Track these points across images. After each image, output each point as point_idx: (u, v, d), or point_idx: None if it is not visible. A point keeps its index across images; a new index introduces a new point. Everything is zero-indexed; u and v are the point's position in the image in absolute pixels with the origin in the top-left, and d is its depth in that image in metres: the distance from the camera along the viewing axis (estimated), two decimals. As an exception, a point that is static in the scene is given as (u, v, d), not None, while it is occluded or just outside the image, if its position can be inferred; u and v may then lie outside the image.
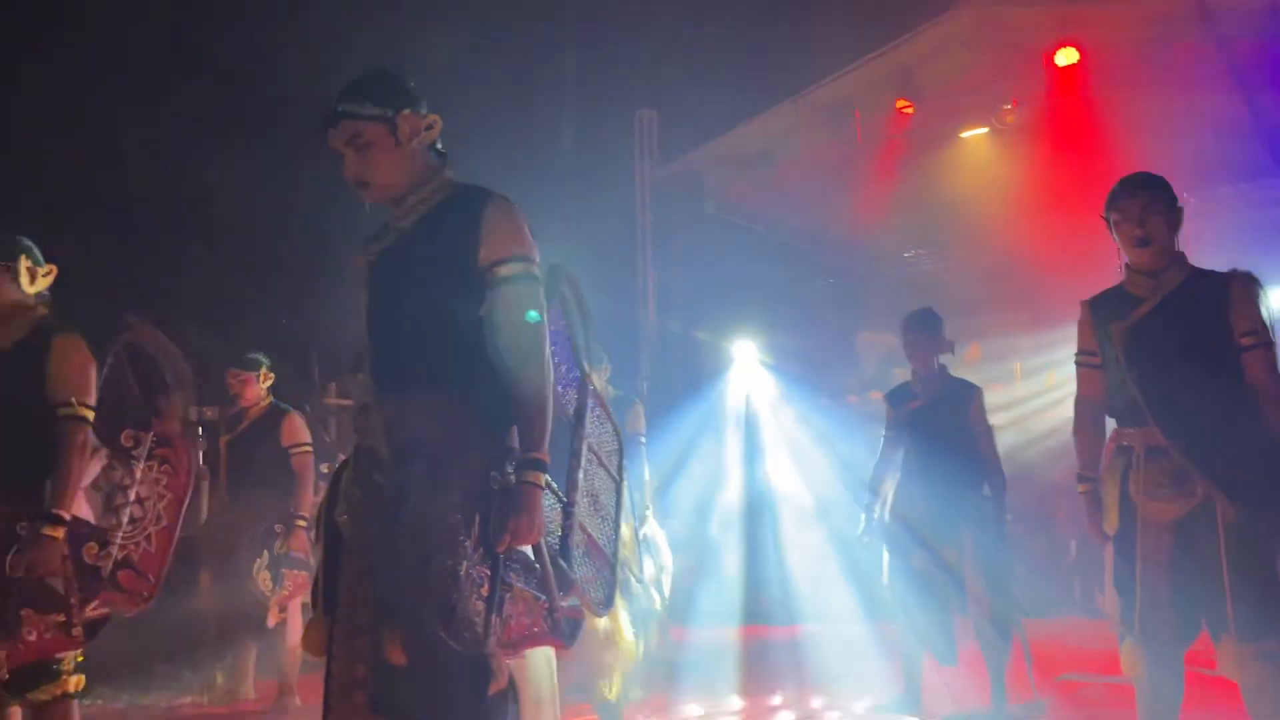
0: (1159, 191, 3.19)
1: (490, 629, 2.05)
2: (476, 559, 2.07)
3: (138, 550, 3.27)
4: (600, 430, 2.53)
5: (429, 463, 2.14)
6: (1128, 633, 3.12)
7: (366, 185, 2.37)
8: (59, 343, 3.22)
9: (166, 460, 3.41)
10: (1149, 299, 3.16)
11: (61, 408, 3.17)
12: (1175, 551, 3.02)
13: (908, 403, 4.87)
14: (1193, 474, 3.00)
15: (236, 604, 5.26)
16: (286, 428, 5.47)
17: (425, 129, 2.39)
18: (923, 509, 4.73)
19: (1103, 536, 3.24)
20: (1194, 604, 3.01)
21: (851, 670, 5.60)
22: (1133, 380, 3.12)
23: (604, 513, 2.47)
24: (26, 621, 3.00)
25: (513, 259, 2.29)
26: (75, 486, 3.15)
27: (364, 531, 2.21)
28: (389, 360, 2.31)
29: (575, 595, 2.25)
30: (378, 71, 2.41)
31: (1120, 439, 3.21)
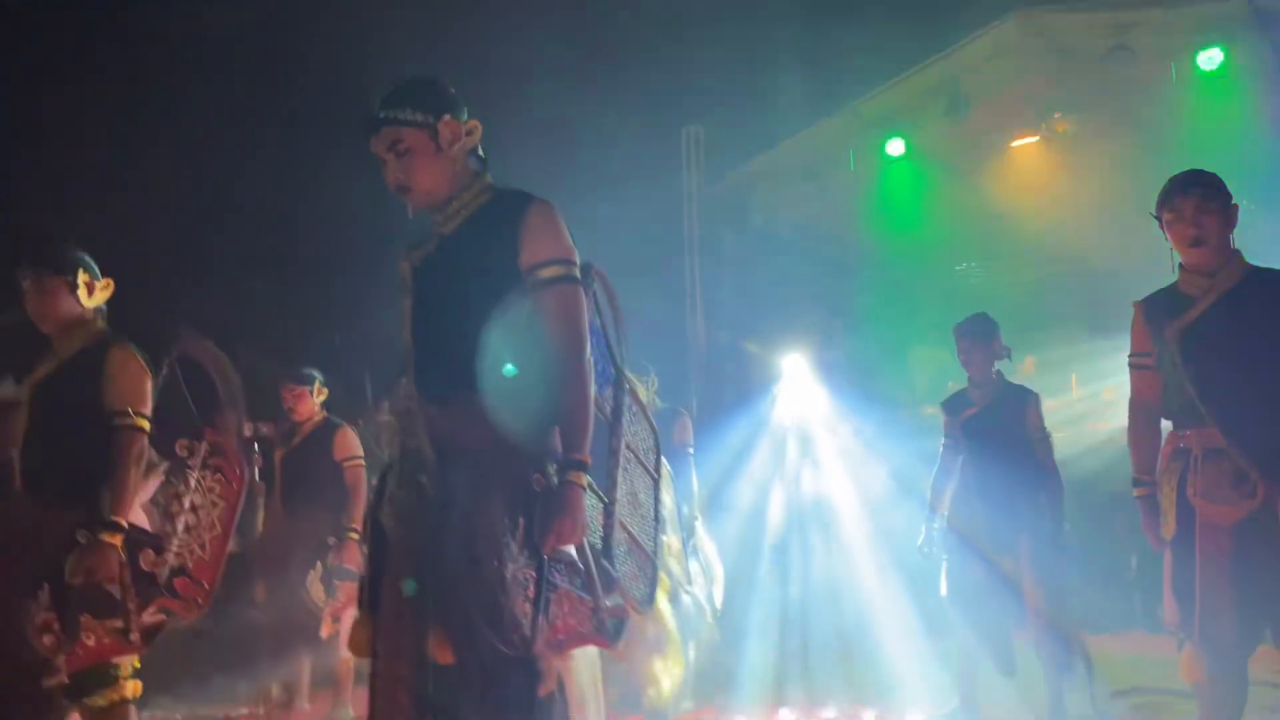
0: (1213, 189, 3.13)
1: (538, 630, 2.05)
2: (522, 561, 2.08)
3: (193, 557, 3.33)
4: (637, 428, 2.54)
5: (474, 468, 2.15)
6: (1187, 639, 3.05)
7: (408, 191, 2.41)
8: (114, 354, 3.30)
9: (220, 470, 3.47)
10: (1204, 298, 3.09)
11: (118, 417, 3.24)
12: (1235, 555, 2.95)
13: (964, 410, 4.81)
14: (1253, 475, 2.93)
15: (291, 616, 5.33)
16: (339, 441, 5.55)
17: (466, 134, 2.42)
18: (980, 519, 4.66)
19: (1160, 542, 3.18)
20: (1256, 609, 2.94)
21: (905, 682, 5.52)
22: (1189, 380, 3.06)
23: (643, 511, 2.47)
24: (85, 627, 3.07)
25: (554, 261, 2.31)
26: (132, 495, 3.22)
27: (409, 533, 2.22)
28: (432, 364, 2.33)
29: (619, 594, 2.25)
30: (419, 78, 2.45)
31: (1177, 441, 3.15)
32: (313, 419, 5.64)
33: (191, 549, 3.34)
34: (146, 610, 3.19)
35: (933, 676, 5.20)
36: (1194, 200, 3.11)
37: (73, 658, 3.04)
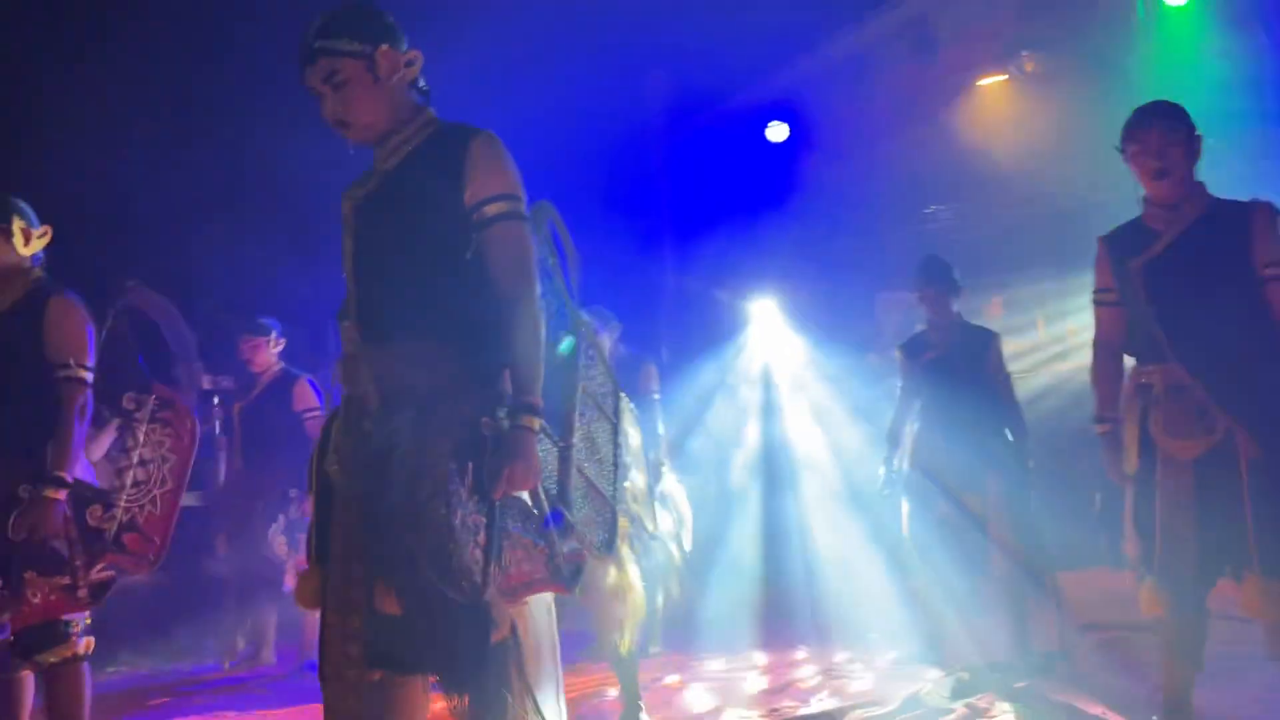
0: (1177, 121, 3.08)
1: (489, 577, 1.99)
2: (471, 507, 2.01)
3: (142, 513, 3.25)
4: (593, 371, 2.46)
5: (418, 410, 2.08)
6: (1148, 573, 3.04)
7: (346, 125, 2.30)
8: (54, 304, 3.18)
9: (169, 423, 3.39)
10: (1168, 232, 3.06)
11: (59, 369, 3.14)
12: (1197, 489, 2.94)
13: (924, 353, 4.79)
14: (1214, 410, 2.92)
15: (254, 568, 5.28)
16: (298, 393, 5.48)
17: (406, 65, 2.30)
18: (944, 458, 4.66)
19: (1122, 477, 3.16)
20: (1216, 543, 2.93)
21: (873, 623, 5.55)
22: (1153, 316, 3.04)
23: (601, 455, 2.41)
24: (30, 584, 2.99)
25: (499, 197, 2.21)
26: (76, 448, 3.13)
27: (354, 482, 2.16)
28: (374, 306, 2.24)
29: (575, 539, 2.20)
30: (354, 5, 2.33)
31: (1140, 377, 3.12)
32: (270, 371, 5.55)
33: (141, 504, 3.26)
34: (95, 567, 3.11)
35: (901, 617, 5.23)
36: (1158, 132, 3.06)
37: (18, 615, 2.97)
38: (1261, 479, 2.83)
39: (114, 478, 3.28)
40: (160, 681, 5.25)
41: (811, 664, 5.11)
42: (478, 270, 2.21)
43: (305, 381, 5.55)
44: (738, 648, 5.56)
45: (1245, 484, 2.85)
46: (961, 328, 4.79)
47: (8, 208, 3.21)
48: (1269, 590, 2.83)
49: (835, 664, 5.06)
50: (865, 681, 4.54)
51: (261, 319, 5.61)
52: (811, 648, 5.47)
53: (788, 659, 5.27)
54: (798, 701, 4.14)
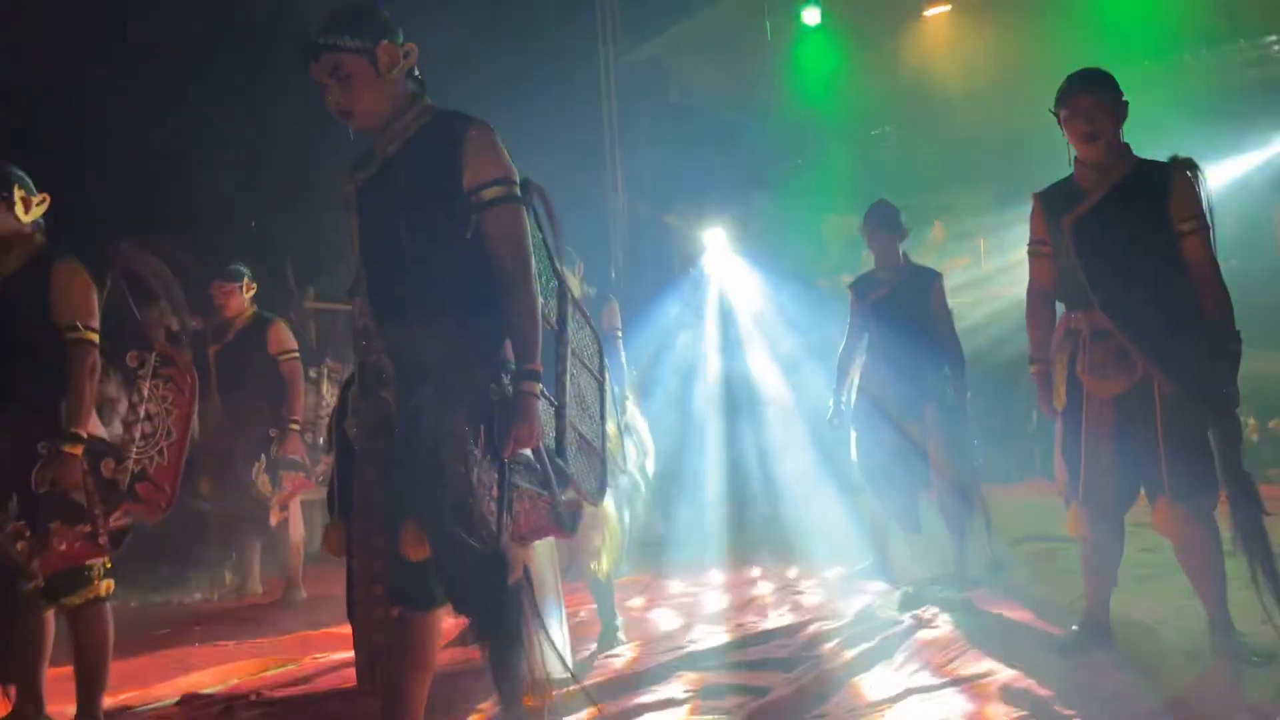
0: (1106, 87, 3.35)
1: (503, 526, 2.27)
2: (485, 465, 2.28)
3: (152, 464, 3.46)
4: (581, 335, 2.73)
5: (435, 383, 2.32)
6: (1073, 497, 3.42)
7: (350, 115, 2.50)
8: (59, 269, 3.34)
9: (171, 378, 3.57)
10: (1096, 190, 3.35)
11: (68, 331, 3.31)
12: (1117, 423, 3.29)
13: (873, 291, 5.09)
14: (1134, 353, 3.25)
15: (239, 507, 5.52)
16: (273, 335, 5.64)
17: (404, 57, 2.50)
18: (889, 389, 5.00)
19: (1053, 412, 3.51)
20: (1133, 470, 3.30)
21: (825, 541, 5.93)
22: (1081, 267, 3.35)
23: (590, 411, 2.70)
24: (56, 534, 3.20)
25: (495, 182, 2.44)
26: (89, 406, 3.32)
27: (374, 443, 2.41)
28: (384, 285, 2.46)
29: (573, 489, 2.49)
30: (356, 4, 2.51)
31: (1069, 322, 3.46)
32: (244, 314, 5.70)
33: (150, 455, 3.46)
34: (113, 515, 3.33)
35: (851, 535, 5.61)
36: (1088, 98, 3.33)
37: (46, 562, 3.18)
38: (1173, 415, 3.18)
39: (123, 431, 3.49)
40: (155, 614, 5.49)
41: (767, 580, 5.48)
42: (477, 249, 2.44)
43: (280, 324, 5.72)
44: (698, 568, 5.91)
45: (1159, 419, 3.20)
46: (907, 268, 5.08)
47: (8, 177, 3.34)
48: (1176, 511, 3.20)
49: (790, 580, 5.43)
50: (818, 596, 4.91)
51: (233, 265, 5.73)
52: (766, 566, 5.84)
53: (745, 577, 5.64)
54: (759, 617, 4.51)
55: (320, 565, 6.00)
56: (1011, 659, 3.38)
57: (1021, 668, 3.28)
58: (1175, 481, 3.19)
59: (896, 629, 3.87)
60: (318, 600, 5.46)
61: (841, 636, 3.83)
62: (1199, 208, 3.29)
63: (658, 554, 6.12)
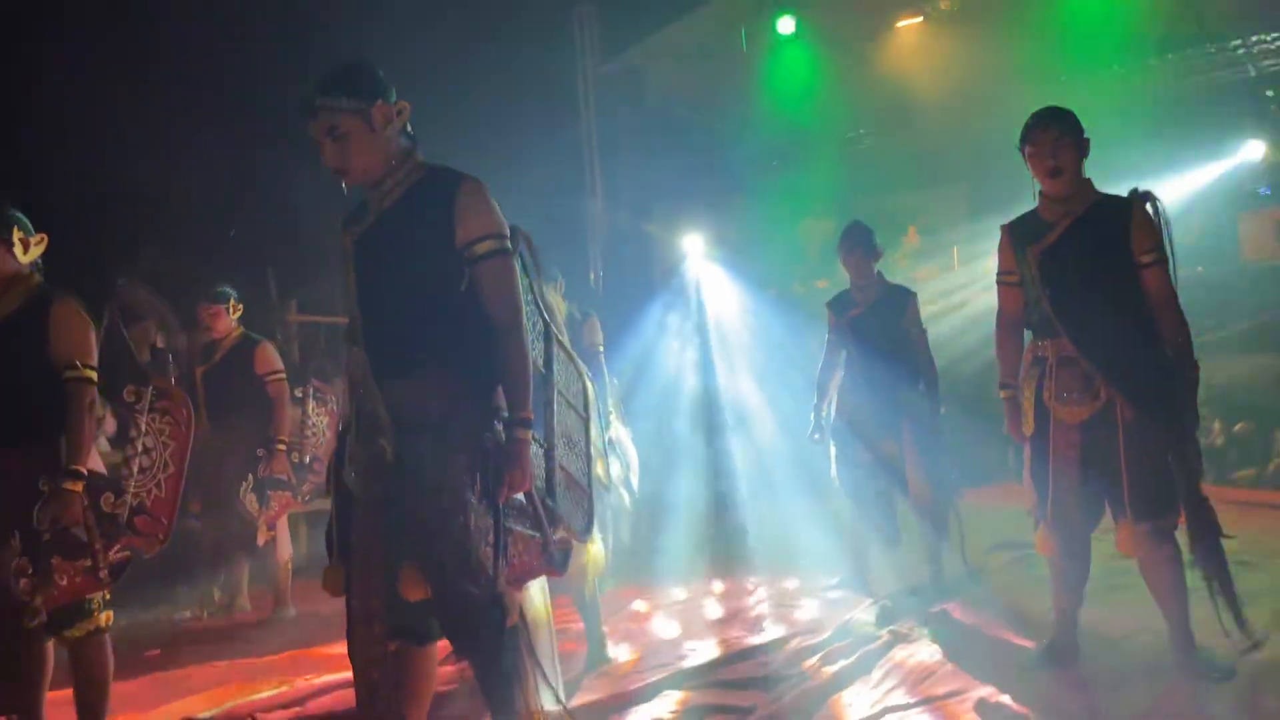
0: (1069, 125, 3.49)
1: (500, 571, 2.39)
2: (481, 511, 2.39)
3: (150, 497, 3.55)
4: (567, 376, 2.85)
5: (433, 435, 2.42)
6: (1042, 518, 3.56)
7: (345, 172, 2.60)
8: (57, 309, 3.41)
9: (167, 411, 3.67)
10: (1060, 224, 3.50)
11: (67, 370, 3.38)
12: (1083, 448, 3.44)
13: (850, 310, 5.21)
14: (1098, 380, 3.40)
15: (226, 526, 5.59)
16: (260, 357, 5.71)
17: (397, 114, 2.60)
18: (866, 407, 5.13)
19: (1021, 437, 3.66)
20: (1098, 492, 3.45)
21: (805, 552, 6.06)
22: (1046, 298, 3.49)
23: (577, 449, 2.81)
24: (57, 569, 3.28)
25: (487, 237, 2.54)
26: (89, 443, 3.40)
27: (372, 489, 2.50)
28: (382, 339, 2.56)
29: (562, 528, 2.60)
30: (352, 65, 2.60)
31: (1036, 350, 3.60)
32: (231, 336, 5.76)
33: (148, 488, 3.56)
34: (112, 549, 3.41)
35: (827, 547, 5.75)
36: (1052, 135, 3.47)
37: (49, 597, 3.27)
38: (1135, 440, 3.33)
39: (121, 465, 3.57)
40: (144, 633, 5.55)
41: (754, 592, 5.58)
42: (470, 301, 2.55)
43: (267, 345, 5.79)
44: (684, 577, 6.02)
45: (1122, 444, 3.35)
46: (882, 287, 5.21)
47: (7, 219, 3.41)
48: (1138, 531, 3.35)
49: (774, 591, 5.54)
50: (800, 608, 5.05)
51: (220, 286, 5.80)
52: (762, 576, 5.94)
53: (742, 586, 5.74)
54: (744, 630, 4.63)
55: (308, 579, 6.09)
56: (985, 676, 3.53)
57: (994, 684, 3.42)
58: (1137, 504, 3.33)
59: (874, 645, 4.00)
60: (306, 616, 5.54)
61: (821, 653, 3.96)
62: (1158, 240, 3.44)
63: (647, 562, 6.23)
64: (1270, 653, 3.48)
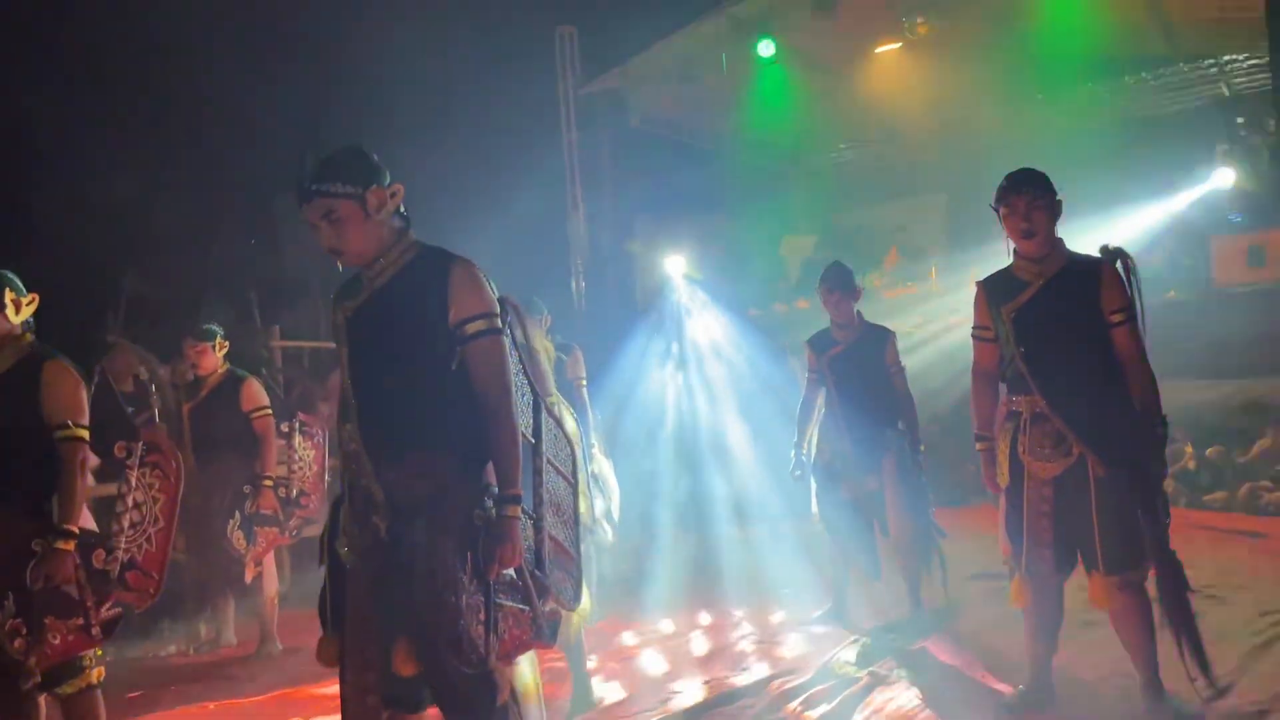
0: (1041, 188, 3.59)
1: (490, 648, 2.45)
2: (473, 589, 2.46)
3: (140, 551, 3.61)
4: (556, 444, 2.91)
5: (427, 516, 2.49)
6: (1016, 569, 3.66)
7: (340, 254, 2.66)
8: (49, 369, 3.45)
9: (158, 465, 3.73)
10: (1033, 284, 3.60)
11: (59, 430, 3.43)
12: (1055, 502, 3.55)
13: (830, 349, 5.31)
14: (1070, 437, 3.49)
15: (213, 563, 5.62)
16: (246, 393, 5.74)
17: (390, 197, 2.67)
18: (847, 443, 5.22)
19: (996, 488, 3.75)
20: (1070, 545, 3.56)
21: (789, 586, 6.14)
22: (1019, 355, 3.59)
23: (565, 517, 2.88)
24: (50, 628, 3.33)
25: (479, 316, 2.61)
26: (80, 502, 3.45)
27: (366, 563, 2.57)
28: (374, 413, 2.63)
29: (552, 599, 2.67)
30: (348, 151, 2.66)
31: (1010, 404, 3.70)
32: (217, 372, 5.79)
33: (139, 544, 3.62)
34: (104, 606, 3.47)
35: (810, 579, 5.82)
36: (1026, 198, 3.57)
37: (42, 657, 3.31)
38: (1105, 495, 3.43)
39: (112, 521, 3.62)
40: (131, 670, 5.57)
41: (748, 624, 5.59)
42: (461, 379, 2.61)
43: (253, 381, 5.82)
44: (681, 609, 6.06)
45: (1093, 499, 3.45)
46: (862, 326, 5.31)
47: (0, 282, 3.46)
48: (1109, 584, 3.46)
49: (769, 625, 5.56)
50: (784, 644, 5.11)
51: (206, 324, 5.83)
52: (747, 608, 5.97)
53: (725, 619, 5.75)
54: (729, 669, 4.69)
55: (291, 610, 6.13)
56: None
57: (971, 730, 3.51)
58: (1108, 557, 3.44)
59: (855, 688, 4.09)
60: (293, 652, 5.58)
61: (803, 696, 4.05)
62: (1127, 299, 3.54)
63: (634, 593, 6.29)
64: (1238, 699, 3.59)
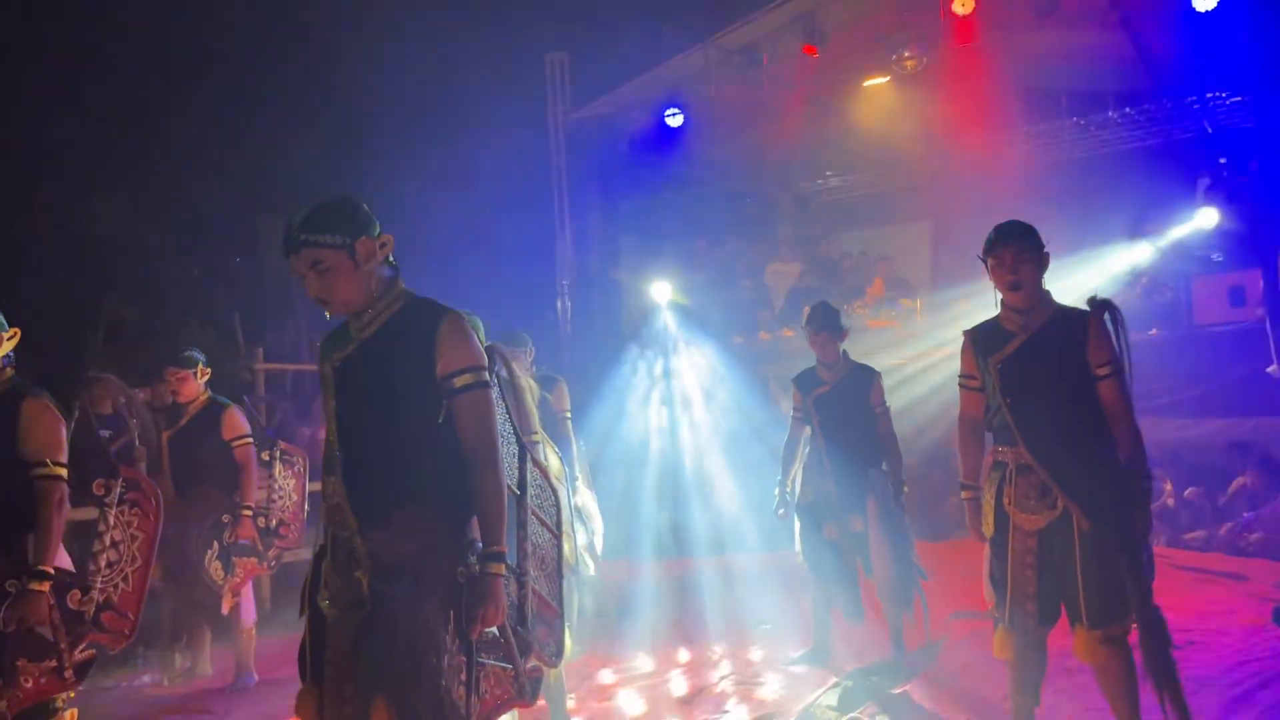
0: (1029, 240, 3.60)
1: (472, 709, 2.43)
2: (455, 649, 2.43)
3: (116, 591, 3.57)
4: (541, 494, 2.88)
5: (409, 576, 2.46)
6: (1000, 621, 3.65)
7: (328, 304, 2.63)
8: (29, 406, 3.41)
9: (136, 504, 3.69)
10: (1020, 335, 3.60)
11: (37, 468, 3.38)
12: (1040, 555, 3.54)
13: (816, 389, 5.31)
14: (1055, 490, 3.49)
15: (191, 593, 5.55)
16: (227, 422, 5.69)
17: (380, 248, 2.65)
18: (831, 484, 5.21)
19: (981, 537, 3.75)
20: (1054, 598, 3.54)
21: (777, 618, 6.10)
22: (1006, 407, 3.59)
23: (549, 570, 2.85)
24: (23, 671, 3.29)
25: (466, 370, 2.59)
26: (56, 542, 3.41)
27: (348, 617, 2.54)
28: (359, 466, 2.59)
29: (535, 657, 2.64)
30: (337, 200, 2.64)
31: (997, 455, 3.69)
32: (198, 400, 5.73)
33: (115, 583, 3.57)
34: (77, 648, 3.42)
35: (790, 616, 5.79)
36: (1013, 250, 3.58)
37: (14, 700, 3.26)
38: (1090, 549, 3.43)
39: (88, 560, 3.57)
40: (106, 700, 5.48)
41: (728, 663, 5.55)
42: (448, 432, 2.59)
43: (234, 410, 5.77)
44: (662, 645, 6.01)
45: (1078, 553, 3.45)
46: (848, 366, 5.31)
47: None
48: (1092, 638, 3.45)
49: (749, 664, 5.51)
50: (765, 685, 5.08)
51: (187, 350, 5.78)
52: (727, 645, 5.93)
53: (706, 657, 5.70)
54: (712, 712, 4.65)
55: (267, 637, 6.06)
56: (943, 774, 3.59)
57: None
58: (1092, 612, 3.43)
59: (837, 735, 4.07)
60: (269, 685, 5.51)
61: (785, 743, 4.01)
62: (1114, 353, 3.55)
63: (613, 628, 6.24)
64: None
